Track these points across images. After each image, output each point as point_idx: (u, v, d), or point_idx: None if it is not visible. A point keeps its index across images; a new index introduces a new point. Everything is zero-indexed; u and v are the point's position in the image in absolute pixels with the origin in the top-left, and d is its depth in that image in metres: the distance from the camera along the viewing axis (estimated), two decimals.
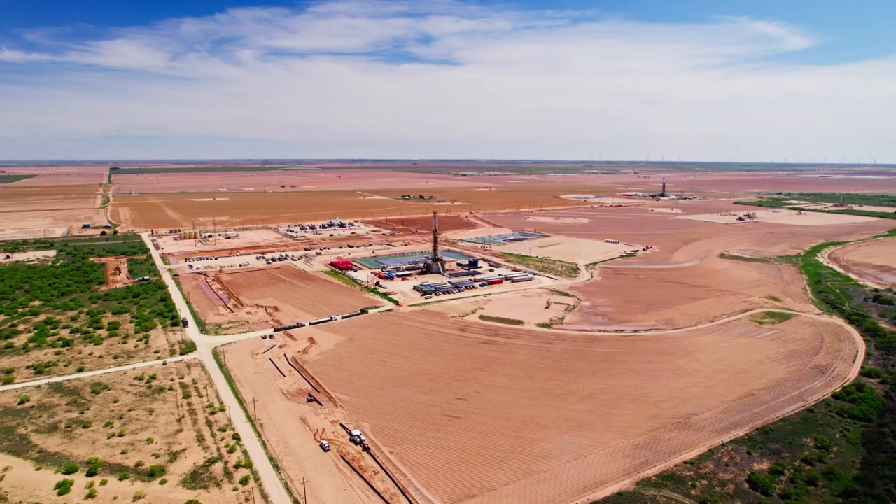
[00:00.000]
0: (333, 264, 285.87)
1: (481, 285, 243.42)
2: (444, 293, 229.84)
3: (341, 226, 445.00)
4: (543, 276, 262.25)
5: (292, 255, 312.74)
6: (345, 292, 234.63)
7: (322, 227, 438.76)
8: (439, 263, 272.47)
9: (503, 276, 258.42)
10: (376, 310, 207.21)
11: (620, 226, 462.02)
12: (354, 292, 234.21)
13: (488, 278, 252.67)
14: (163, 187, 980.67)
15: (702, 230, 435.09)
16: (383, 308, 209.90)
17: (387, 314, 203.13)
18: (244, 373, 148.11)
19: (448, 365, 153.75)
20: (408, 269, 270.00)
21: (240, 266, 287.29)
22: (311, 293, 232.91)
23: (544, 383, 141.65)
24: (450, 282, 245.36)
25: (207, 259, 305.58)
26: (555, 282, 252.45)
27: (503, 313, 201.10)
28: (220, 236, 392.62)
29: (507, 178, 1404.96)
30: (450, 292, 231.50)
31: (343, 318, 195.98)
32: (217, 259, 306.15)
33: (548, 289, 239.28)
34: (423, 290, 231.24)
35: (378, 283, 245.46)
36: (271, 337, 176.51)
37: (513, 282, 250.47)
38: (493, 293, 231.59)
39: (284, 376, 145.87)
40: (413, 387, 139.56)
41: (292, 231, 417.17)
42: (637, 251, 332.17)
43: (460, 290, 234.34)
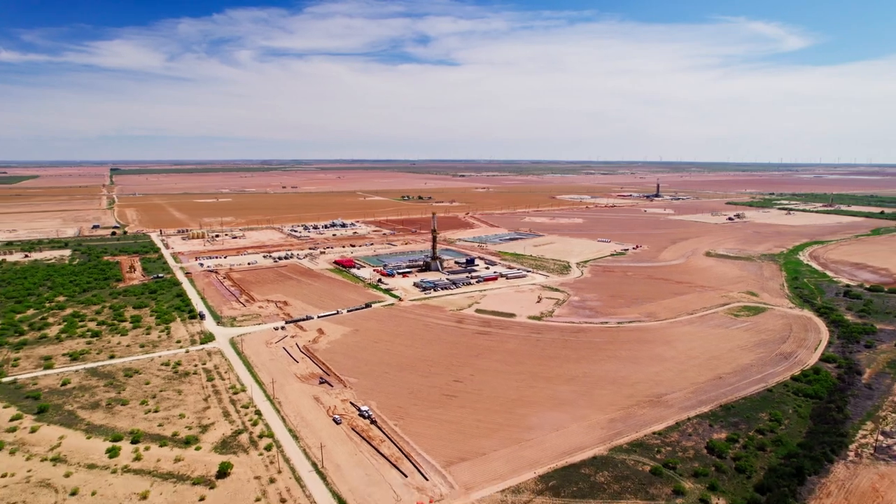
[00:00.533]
0: (337, 262, 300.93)
1: (477, 282, 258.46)
2: (442, 289, 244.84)
3: (343, 226, 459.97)
4: (536, 274, 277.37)
5: (298, 254, 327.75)
6: (349, 288, 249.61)
7: (325, 227, 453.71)
8: (438, 261, 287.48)
9: (498, 273, 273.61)
10: (379, 304, 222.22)
11: (613, 226, 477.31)
12: (358, 288, 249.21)
13: (484, 275, 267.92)
14: (165, 188, 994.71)
15: (692, 230, 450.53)
16: (386, 302, 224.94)
17: (389, 308, 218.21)
18: (260, 359, 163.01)
19: (446, 352, 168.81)
20: (408, 267, 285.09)
21: (248, 264, 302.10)
22: (317, 289, 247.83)
23: (533, 368, 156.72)
24: (448, 278, 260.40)
25: (216, 258, 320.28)
26: (547, 278, 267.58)
27: (497, 307, 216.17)
28: (226, 236, 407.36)
29: (505, 179, 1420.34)
30: (448, 288, 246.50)
31: (349, 311, 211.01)
32: (226, 258, 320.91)
33: (540, 285, 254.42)
34: (423, 287, 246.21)
35: (380, 280, 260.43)
36: (283, 328, 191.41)
37: (507, 279, 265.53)
38: (489, 289, 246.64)
39: (297, 362, 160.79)
40: (414, 371, 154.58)
41: (296, 231, 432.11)
42: (627, 250, 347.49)
43: (457, 287, 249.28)
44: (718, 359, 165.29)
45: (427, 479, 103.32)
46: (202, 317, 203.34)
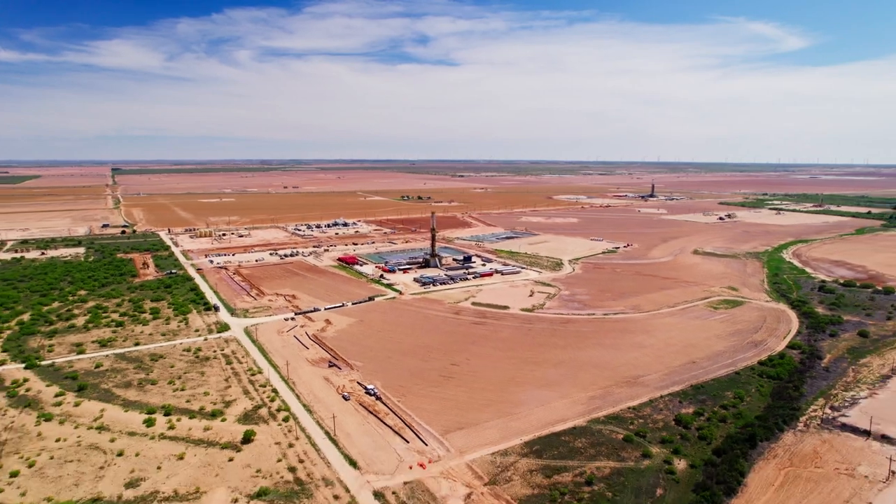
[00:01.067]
0: (341, 259, 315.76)
1: (474, 277, 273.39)
2: (441, 284, 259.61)
3: (345, 225, 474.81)
4: (530, 270, 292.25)
5: (303, 252, 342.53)
6: (353, 283, 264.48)
7: (327, 226, 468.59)
8: (437, 258, 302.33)
9: (494, 269, 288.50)
10: (382, 298, 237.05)
11: (607, 225, 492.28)
12: (362, 283, 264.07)
13: (480, 271, 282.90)
14: (168, 188, 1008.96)
15: (683, 229, 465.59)
16: (388, 296, 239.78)
17: (391, 301, 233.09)
18: (274, 346, 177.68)
19: (444, 340, 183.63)
20: (408, 264, 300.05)
21: (256, 261, 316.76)
22: (323, 284, 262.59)
23: (523, 353, 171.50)
24: (446, 274, 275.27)
25: (225, 255, 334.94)
26: (540, 274, 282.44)
27: (492, 300, 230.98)
28: (232, 235, 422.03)
29: (504, 179, 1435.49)
30: (446, 283, 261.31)
31: (353, 304, 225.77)
32: (234, 255, 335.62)
33: (533, 280, 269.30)
34: (423, 282, 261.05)
35: (382, 276, 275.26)
36: (293, 319, 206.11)
37: (502, 274, 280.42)
38: (485, 284, 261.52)
39: (307, 349, 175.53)
40: (415, 356, 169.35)
41: (300, 230, 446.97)
42: (618, 248, 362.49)
43: (455, 282, 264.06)
44: (694, 346, 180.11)
45: (426, 445, 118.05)
46: (216, 309, 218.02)
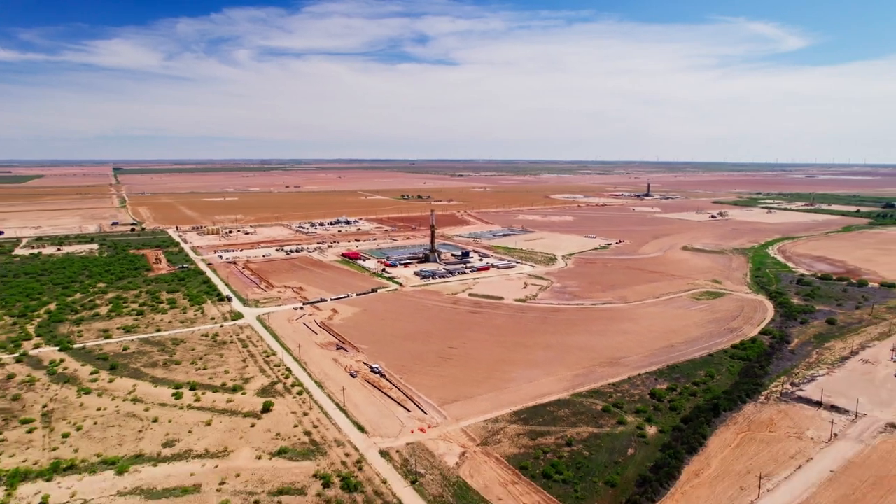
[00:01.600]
0: (345, 255, 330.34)
1: (471, 271, 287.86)
2: (439, 277, 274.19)
3: (347, 223, 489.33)
4: (525, 265, 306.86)
5: (307, 248, 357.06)
6: (357, 277, 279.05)
7: (330, 224, 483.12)
8: (436, 254, 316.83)
9: (490, 264, 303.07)
10: (384, 290, 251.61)
11: (602, 223, 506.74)
12: (365, 277, 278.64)
13: (477, 266, 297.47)
14: (171, 187, 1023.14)
15: (674, 227, 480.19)
16: (390, 288, 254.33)
17: (393, 293, 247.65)
18: (285, 332, 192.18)
19: (442, 327, 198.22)
20: (409, 259, 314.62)
21: (263, 257, 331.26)
22: (328, 277, 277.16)
23: (515, 338, 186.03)
24: (445, 268, 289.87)
25: (233, 251, 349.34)
26: (534, 269, 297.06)
27: (488, 292, 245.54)
28: (239, 232, 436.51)
29: (503, 179, 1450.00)
30: (444, 277, 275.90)
31: (357, 295, 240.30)
32: (242, 251, 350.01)
33: (527, 274, 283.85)
34: (423, 275, 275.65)
35: (384, 270, 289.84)
36: (301, 309, 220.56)
37: (498, 269, 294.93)
38: (481, 277, 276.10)
39: (316, 334, 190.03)
40: (416, 340, 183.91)
41: (304, 227, 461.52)
42: (610, 244, 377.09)
43: (453, 275, 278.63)
44: (674, 332, 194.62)
45: (426, 414, 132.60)
46: (229, 299, 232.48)
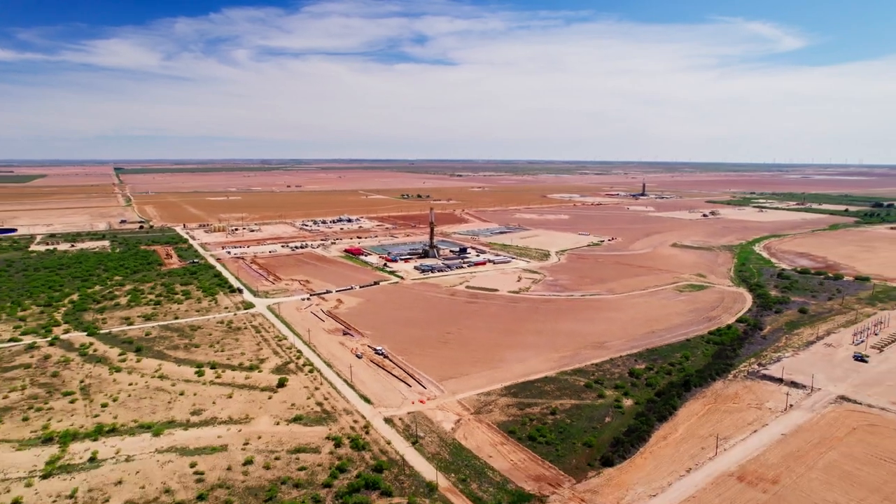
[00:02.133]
0: (347, 251, 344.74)
1: (468, 266, 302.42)
2: (438, 271, 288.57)
3: (349, 221, 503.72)
4: (520, 260, 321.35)
5: (311, 244, 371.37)
6: (360, 271, 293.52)
7: (332, 222, 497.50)
8: (435, 250, 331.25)
9: (487, 259, 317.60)
10: (386, 282, 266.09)
11: (596, 221, 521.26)
12: (367, 270, 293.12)
13: (474, 261, 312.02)
14: (174, 187, 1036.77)
15: (666, 225, 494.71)
16: (391, 281, 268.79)
17: (394, 285, 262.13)
18: (294, 319, 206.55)
19: (440, 315, 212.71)
20: (409, 254, 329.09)
21: (269, 252, 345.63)
22: (332, 271, 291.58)
23: (508, 325, 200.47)
24: (443, 263, 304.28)
25: (240, 247, 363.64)
26: (528, 263, 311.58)
27: (483, 284, 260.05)
28: (244, 230, 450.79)
29: (501, 179, 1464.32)
30: (443, 271, 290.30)
31: (361, 287, 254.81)
32: (249, 247, 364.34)
33: (522, 269, 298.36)
34: (422, 269, 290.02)
35: (386, 265, 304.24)
36: (308, 299, 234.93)
37: (494, 264, 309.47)
38: (478, 272, 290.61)
39: (323, 321, 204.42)
40: (416, 327, 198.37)
41: (307, 225, 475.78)
42: (602, 241, 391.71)
43: (451, 270, 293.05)
44: (656, 320, 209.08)
45: (425, 388, 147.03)
46: (240, 291, 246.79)
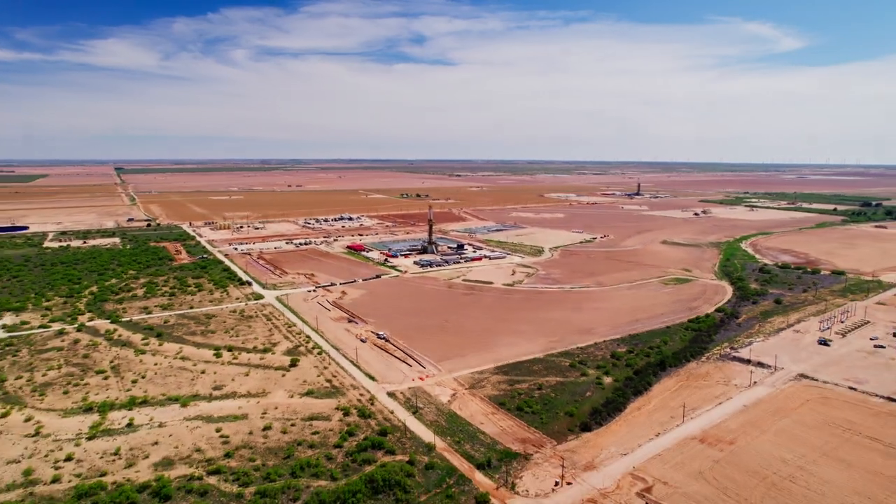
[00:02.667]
0: (350, 247, 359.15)
1: (465, 261, 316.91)
2: (437, 266, 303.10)
3: (350, 219, 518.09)
4: (514, 256, 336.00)
5: (315, 241, 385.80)
6: (362, 266, 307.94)
7: (334, 220, 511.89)
8: (434, 246, 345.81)
9: (483, 255, 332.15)
10: (387, 276, 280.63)
11: (590, 220, 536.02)
12: (369, 265, 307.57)
13: (471, 256, 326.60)
14: (177, 186, 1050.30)
15: (658, 223, 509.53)
16: (392, 275, 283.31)
17: (395, 278, 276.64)
18: (302, 309, 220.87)
19: (438, 305, 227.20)
20: (409, 250, 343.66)
21: (274, 248, 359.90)
22: (336, 266, 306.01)
23: (502, 314, 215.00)
24: (442, 258, 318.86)
25: (246, 244, 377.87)
26: (522, 259, 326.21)
27: (479, 278, 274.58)
28: (249, 227, 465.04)
29: (500, 179, 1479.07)
30: (441, 265, 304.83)
31: (363, 280, 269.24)
32: (254, 244, 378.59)
33: (516, 263, 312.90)
34: (421, 264, 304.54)
35: (386, 260, 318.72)
36: (314, 291, 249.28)
37: (490, 259, 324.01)
38: (474, 266, 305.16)
39: (329, 310, 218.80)
40: (415, 315, 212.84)
41: (310, 223, 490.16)
42: (595, 238, 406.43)
43: (449, 264, 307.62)
44: (640, 310, 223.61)
45: (424, 368, 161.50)
46: (249, 283, 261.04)
